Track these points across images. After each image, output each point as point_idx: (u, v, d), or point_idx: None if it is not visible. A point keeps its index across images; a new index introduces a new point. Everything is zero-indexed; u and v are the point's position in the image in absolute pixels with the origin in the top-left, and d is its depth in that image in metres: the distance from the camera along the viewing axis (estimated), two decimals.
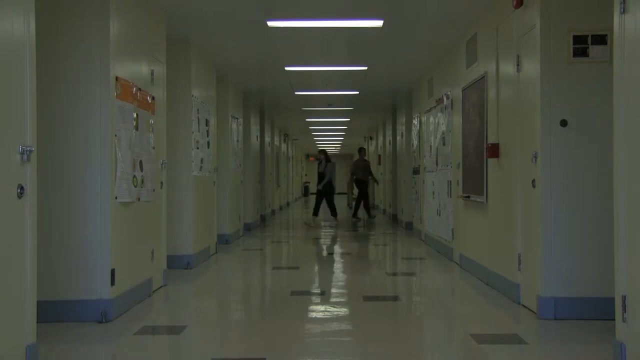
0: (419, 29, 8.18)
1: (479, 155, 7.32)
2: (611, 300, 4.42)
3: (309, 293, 6.71)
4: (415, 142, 12.91)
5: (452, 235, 9.01)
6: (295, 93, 13.65)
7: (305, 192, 41.80)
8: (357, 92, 13.71)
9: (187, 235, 8.45)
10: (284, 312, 5.89)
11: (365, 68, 10.78)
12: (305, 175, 44.61)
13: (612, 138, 3.98)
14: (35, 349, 3.82)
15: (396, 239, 12.76)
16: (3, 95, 3.53)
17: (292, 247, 11.72)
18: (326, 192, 15.72)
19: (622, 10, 3.80)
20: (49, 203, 5.18)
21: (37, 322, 3.93)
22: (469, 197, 7.85)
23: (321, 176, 15.81)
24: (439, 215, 9.98)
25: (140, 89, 6.08)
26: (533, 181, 5.52)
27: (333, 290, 6.86)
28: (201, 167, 9.07)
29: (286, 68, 10.73)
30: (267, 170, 17.61)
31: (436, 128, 10.25)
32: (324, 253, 10.40)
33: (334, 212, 15.91)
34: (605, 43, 5.28)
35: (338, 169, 47.47)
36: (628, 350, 3.79)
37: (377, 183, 19.76)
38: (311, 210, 17.93)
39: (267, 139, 18.30)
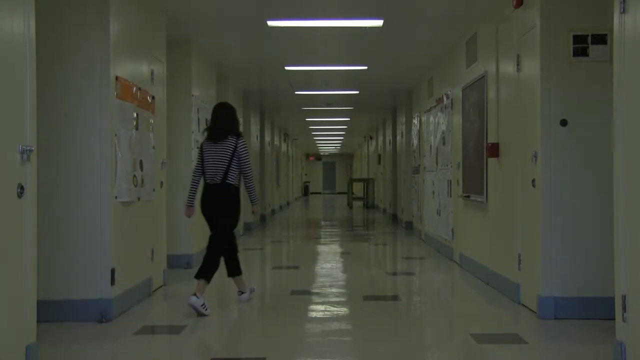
0: (419, 29, 8.18)
1: (479, 155, 7.32)
2: (611, 300, 4.41)
3: (309, 292, 6.71)
4: (415, 142, 12.92)
5: (452, 235, 9.01)
6: (295, 93, 13.66)
7: (305, 191, 41.83)
8: (357, 92, 13.72)
9: (187, 235, 8.45)
10: (284, 312, 5.89)
11: (365, 68, 10.78)
12: (305, 175, 44.64)
13: (612, 138, 3.98)
14: (35, 349, 3.82)
15: (396, 238, 12.77)
16: (3, 95, 3.53)
17: (291, 246, 11.72)
18: None
19: (622, 10, 3.80)
20: (49, 203, 5.18)
21: (37, 322, 3.93)
22: (469, 196, 7.85)
23: None
24: (439, 215, 9.98)
25: (140, 89, 6.08)
26: (533, 181, 5.52)
27: (333, 290, 6.86)
28: None
29: (286, 68, 10.73)
30: (267, 170, 17.61)
31: (436, 128, 10.25)
32: (324, 252, 10.40)
33: None
34: (605, 43, 5.28)
35: (337, 168, 47.71)
36: (628, 350, 3.79)
37: None
38: (311, 211, 17.91)
39: (267, 139, 18.30)
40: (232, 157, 5.72)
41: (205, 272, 5.63)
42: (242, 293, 6.17)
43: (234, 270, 6.13)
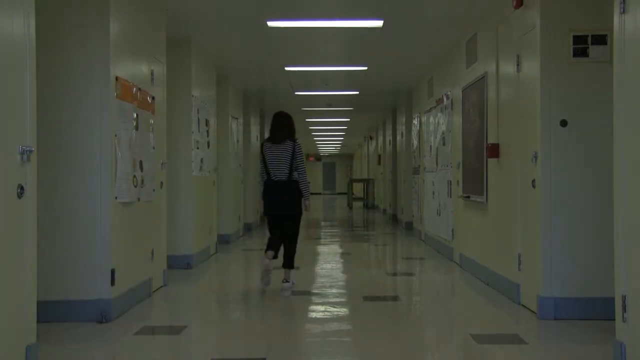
0: (419, 29, 8.18)
1: (479, 155, 7.32)
2: (611, 300, 4.41)
3: (309, 293, 6.71)
4: (415, 142, 12.92)
5: (452, 235, 9.01)
6: (295, 93, 13.66)
7: None
8: (357, 92, 13.72)
9: (187, 235, 8.45)
10: (284, 312, 5.89)
11: (365, 68, 10.78)
12: None
13: (612, 138, 3.98)
14: (35, 349, 3.82)
15: (396, 239, 12.76)
16: (3, 95, 3.53)
17: None
18: None
19: (622, 10, 3.80)
20: (49, 203, 5.18)
21: (37, 322, 3.93)
22: (469, 197, 7.85)
23: None
24: (439, 215, 9.98)
25: (140, 89, 6.08)
26: (533, 181, 5.52)
27: (333, 290, 6.86)
28: (201, 167, 9.07)
29: (286, 68, 10.73)
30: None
31: (436, 128, 10.25)
32: (324, 253, 10.39)
33: None
34: (605, 43, 5.28)
35: (337, 169, 47.66)
36: (628, 350, 3.79)
37: None
38: (311, 211, 17.87)
39: None
40: (292, 157, 6.73)
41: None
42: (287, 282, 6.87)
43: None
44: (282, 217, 6.84)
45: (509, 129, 6.28)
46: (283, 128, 6.90)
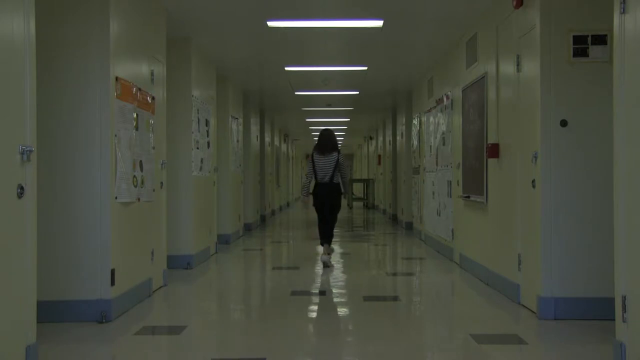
0: (419, 29, 8.18)
1: (479, 155, 7.32)
2: (611, 300, 4.42)
3: (309, 293, 6.71)
4: (415, 142, 12.91)
5: (452, 235, 9.01)
6: (295, 93, 13.65)
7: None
8: (357, 92, 13.72)
9: (187, 235, 8.45)
10: (284, 312, 5.89)
11: (365, 68, 10.78)
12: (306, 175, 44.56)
13: (612, 138, 3.98)
14: (35, 349, 3.82)
15: (396, 239, 12.76)
16: (3, 95, 3.53)
17: (292, 247, 11.71)
18: None
19: (622, 10, 3.80)
20: (49, 203, 5.18)
21: (37, 322, 3.93)
22: (469, 197, 7.85)
23: None
24: (439, 215, 9.98)
25: (140, 89, 6.08)
26: (533, 181, 5.52)
27: (333, 291, 6.86)
28: (201, 167, 9.07)
29: (286, 68, 10.73)
30: (267, 171, 17.60)
31: (436, 128, 10.25)
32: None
33: None
34: (605, 43, 5.28)
35: None
36: (628, 350, 3.79)
37: None
38: (312, 212, 17.87)
39: (267, 139, 18.29)
40: (336, 165, 8.71)
41: (330, 239, 8.89)
42: (329, 254, 8.82)
43: (329, 239, 8.88)
44: (328, 203, 8.76)
45: (509, 129, 6.28)
46: (327, 144, 8.80)
